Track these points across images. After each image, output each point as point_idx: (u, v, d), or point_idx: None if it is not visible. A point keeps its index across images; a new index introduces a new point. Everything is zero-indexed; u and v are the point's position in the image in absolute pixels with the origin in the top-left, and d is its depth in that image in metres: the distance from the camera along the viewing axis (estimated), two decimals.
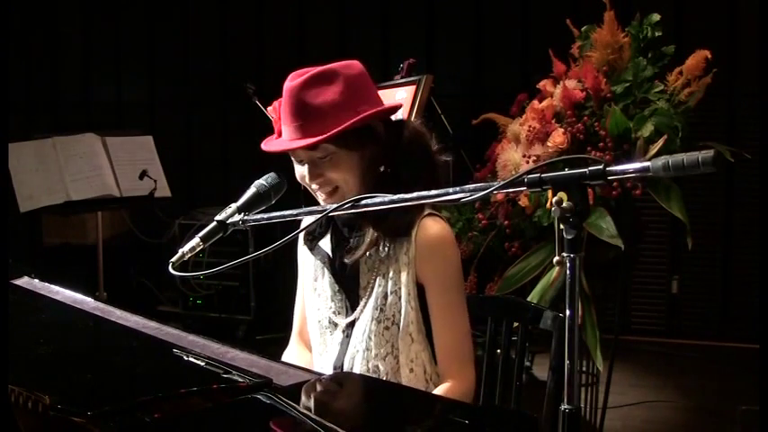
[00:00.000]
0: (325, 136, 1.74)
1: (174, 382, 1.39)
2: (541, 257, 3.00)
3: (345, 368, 1.86)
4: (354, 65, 1.82)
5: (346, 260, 1.85)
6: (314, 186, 1.83)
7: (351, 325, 1.88)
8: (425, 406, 1.43)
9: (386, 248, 1.82)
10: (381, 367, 1.82)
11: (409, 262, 1.80)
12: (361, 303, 1.85)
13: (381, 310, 1.82)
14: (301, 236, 1.97)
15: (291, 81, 1.77)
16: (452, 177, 4.11)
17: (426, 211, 1.83)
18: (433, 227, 1.81)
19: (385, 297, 1.82)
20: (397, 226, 1.80)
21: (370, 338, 1.82)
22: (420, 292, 1.82)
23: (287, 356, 2.06)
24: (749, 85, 4.75)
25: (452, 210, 3.23)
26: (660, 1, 3.97)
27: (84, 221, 5.03)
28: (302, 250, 2.00)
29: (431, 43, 5.53)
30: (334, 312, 1.91)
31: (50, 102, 6.36)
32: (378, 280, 1.83)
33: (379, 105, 1.82)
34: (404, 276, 1.80)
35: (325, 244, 1.93)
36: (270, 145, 1.83)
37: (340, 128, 1.74)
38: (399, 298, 1.81)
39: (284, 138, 1.80)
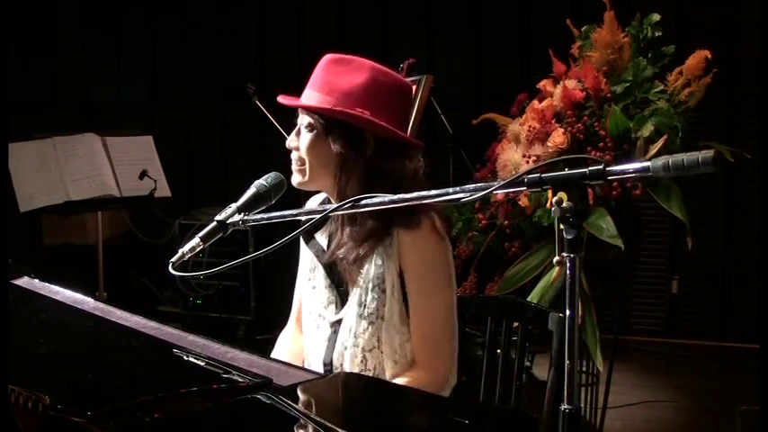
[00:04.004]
0: (307, 104, 1.80)
1: (174, 382, 1.39)
2: (541, 257, 3.00)
3: (335, 364, 1.87)
4: (398, 79, 1.84)
5: (322, 260, 1.87)
6: (292, 156, 1.86)
7: (339, 322, 1.88)
8: (425, 406, 1.43)
9: (374, 253, 1.81)
10: (369, 360, 1.83)
11: (393, 253, 1.80)
12: (349, 300, 1.86)
13: (365, 306, 1.82)
14: None
15: (332, 55, 1.84)
16: (452, 177, 4.15)
17: (421, 208, 1.80)
18: (419, 217, 1.78)
19: (367, 292, 1.82)
20: (383, 232, 1.80)
21: (356, 336, 1.83)
22: (402, 282, 1.81)
23: (283, 337, 2.07)
24: (749, 85, 4.75)
25: (452, 210, 3.23)
26: (660, 1, 3.97)
27: (84, 221, 5.03)
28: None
29: (431, 43, 5.53)
30: (324, 306, 1.92)
31: (50, 102, 6.36)
32: (362, 276, 1.83)
33: (388, 124, 1.78)
34: (387, 268, 1.80)
35: (321, 237, 1.94)
36: (282, 98, 1.90)
37: (321, 107, 1.78)
38: (383, 291, 1.81)
39: None
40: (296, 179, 1.86)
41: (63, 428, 1.20)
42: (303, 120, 1.84)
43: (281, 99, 1.88)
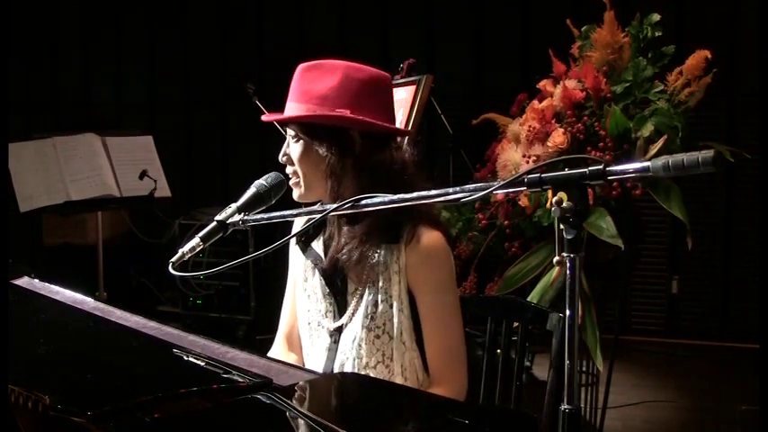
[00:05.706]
0: (286, 116, 1.80)
1: (174, 382, 1.39)
2: (541, 257, 3.00)
3: None
4: (373, 72, 1.82)
5: (321, 267, 1.86)
6: (287, 170, 1.86)
7: (338, 330, 1.87)
8: (425, 406, 1.43)
9: (376, 255, 1.80)
10: (372, 375, 1.81)
11: (400, 270, 1.79)
12: (350, 309, 1.85)
13: (372, 318, 1.81)
14: None
15: (304, 64, 1.83)
16: (452, 177, 4.15)
17: (424, 221, 1.81)
18: (425, 234, 1.79)
19: (375, 305, 1.81)
20: (384, 229, 1.79)
21: (360, 347, 1.82)
22: (411, 298, 1.81)
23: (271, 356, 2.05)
24: (749, 85, 4.75)
25: (452, 210, 3.23)
26: (660, 1, 3.97)
27: (85, 221, 5.03)
28: (294, 249, 2.00)
29: (431, 43, 5.53)
30: (322, 315, 1.90)
31: (50, 102, 6.36)
32: (368, 287, 1.82)
33: (370, 117, 1.77)
34: (395, 285, 1.79)
35: (317, 245, 1.93)
36: (265, 116, 1.91)
37: (300, 115, 1.78)
38: (390, 306, 1.80)
39: None
40: (295, 193, 1.86)
41: (63, 428, 1.20)
42: (289, 132, 1.84)
43: (264, 117, 1.89)
